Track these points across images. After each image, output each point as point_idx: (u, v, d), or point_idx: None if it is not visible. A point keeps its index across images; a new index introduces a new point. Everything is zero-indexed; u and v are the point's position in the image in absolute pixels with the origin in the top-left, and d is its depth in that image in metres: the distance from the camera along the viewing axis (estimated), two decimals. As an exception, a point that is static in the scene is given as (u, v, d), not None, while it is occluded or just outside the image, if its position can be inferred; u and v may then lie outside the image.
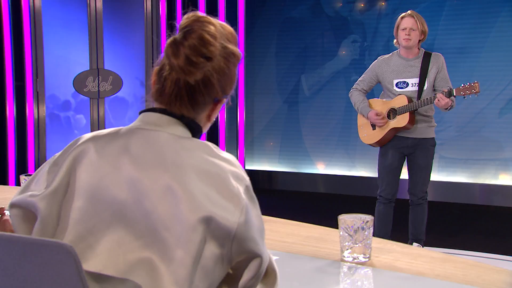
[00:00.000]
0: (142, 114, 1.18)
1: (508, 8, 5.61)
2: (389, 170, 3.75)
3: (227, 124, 6.50)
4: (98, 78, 5.44)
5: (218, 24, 1.17)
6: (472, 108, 5.75)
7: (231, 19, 6.27)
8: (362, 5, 6.20)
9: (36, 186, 1.15)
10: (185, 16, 1.16)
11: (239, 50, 1.21)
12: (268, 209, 6.02)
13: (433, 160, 3.76)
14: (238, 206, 1.08)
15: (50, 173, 1.14)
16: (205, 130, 1.25)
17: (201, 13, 1.16)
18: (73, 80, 5.37)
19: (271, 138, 6.77)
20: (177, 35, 1.14)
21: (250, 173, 6.70)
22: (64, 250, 0.92)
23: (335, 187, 6.38)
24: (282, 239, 1.70)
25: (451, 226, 4.94)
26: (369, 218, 1.50)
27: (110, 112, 5.78)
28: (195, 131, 1.19)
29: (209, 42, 1.12)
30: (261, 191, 6.56)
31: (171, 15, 6.06)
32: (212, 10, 6.19)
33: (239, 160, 6.34)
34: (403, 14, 3.67)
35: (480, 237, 4.55)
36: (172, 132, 1.14)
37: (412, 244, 3.81)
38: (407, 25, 3.61)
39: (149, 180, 1.07)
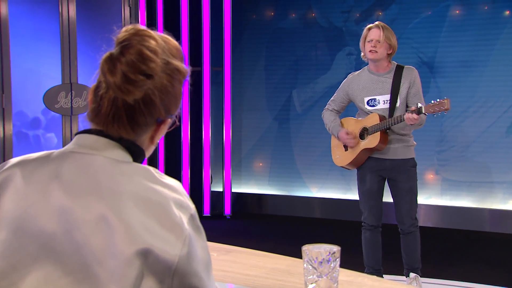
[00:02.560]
0: (77, 136, 1.17)
1: (515, 18, 5.65)
2: (369, 195, 3.76)
3: (213, 144, 6.50)
4: (71, 93, 5.45)
5: (160, 38, 1.17)
6: (477, 127, 5.77)
7: (217, 30, 6.31)
8: (358, 15, 6.25)
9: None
10: (124, 29, 1.16)
11: (184, 66, 1.21)
12: (257, 235, 6.02)
13: (438, 183, 3.76)
14: (180, 237, 1.07)
15: (-30, 202, 1.12)
16: (148, 153, 1.24)
17: (141, 26, 1.16)
18: (44, 96, 5.36)
19: (260, 158, 6.77)
20: (114, 50, 1.13)
21: (238, 196, 6.69)
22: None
23: (329, 211, 6.37)
24: (245, 272, 1.69)
25: (453, 254, 4.92)
26: (336, 249, 1.49)
27: (84, 130, 5.77)
28: (137, 155, 1.18)
29: (149, 58, 1.12)
30: (250, 215, 6.55)
31: (151, 25, 6.09)
32: (195, 20, 6.23)
33: (225, 183, 6.34)
34: (370, 25, 3.71)
35: (485, 268, 4.52)
36: (109, 156, 1.13)
37: (408, 274, 3.80)
38: (373, 36, 3.63)
39: (81, 209, 1.06)
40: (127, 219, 1.05)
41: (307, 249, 1.50)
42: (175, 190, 1.12)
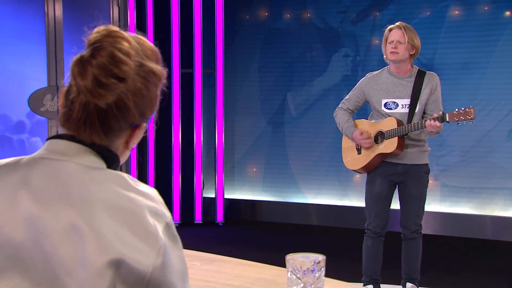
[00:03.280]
0: (48, 141, 1.16)
1: (516, 19, 5.67)
2: (377, 200, 3.74)
3: (205, 148, 6.49)
4: (57, 96, 5.43)
5: (133, 40, 1.16)
6: (477, 131, 5.77)
7: (209, 31, 6.31)
8: (355, 15, 6.26)
9: None
10: (95, 30, 1.15)
11: (161, 68, 1.20)
12: (250, 243, 6.00)
13: (437, 189, 3.75)
14: (154, 247, 1.06)
15: None
16: (123, 159, 1.23)
17: (113, 27, 1.15)
18: (28, 98, 5.35)
19: (253, 163, 6.76)
20: (85, 52, 1.13)
21: (230, 202, 6.68)
22: None
23: (325, 218, 6.36)
24: (227, 282, 1.68)
25: (452, 263, 4.92)
26: (321, 258, 1.48)
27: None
28: (111, 161, 1.16)
29: (121, 60, 1.11)
30: (243, 223, 6.55)
31: (141, 25, 6.09)
32: (187, 20, 6.23)
33: (218, 189, 6.31)
34: (391, 26, 3.70)
35: (485, 277, 4.52)
36: (81, 162, 1.12)
37: (405, 284, 3.79)
38: (394, 37, 3.62)
39: (50, 217, 1.05)
40: (98, 228, 1.03)
41: (290, 258, 1.49)
42: (150, 197, 1.11)
